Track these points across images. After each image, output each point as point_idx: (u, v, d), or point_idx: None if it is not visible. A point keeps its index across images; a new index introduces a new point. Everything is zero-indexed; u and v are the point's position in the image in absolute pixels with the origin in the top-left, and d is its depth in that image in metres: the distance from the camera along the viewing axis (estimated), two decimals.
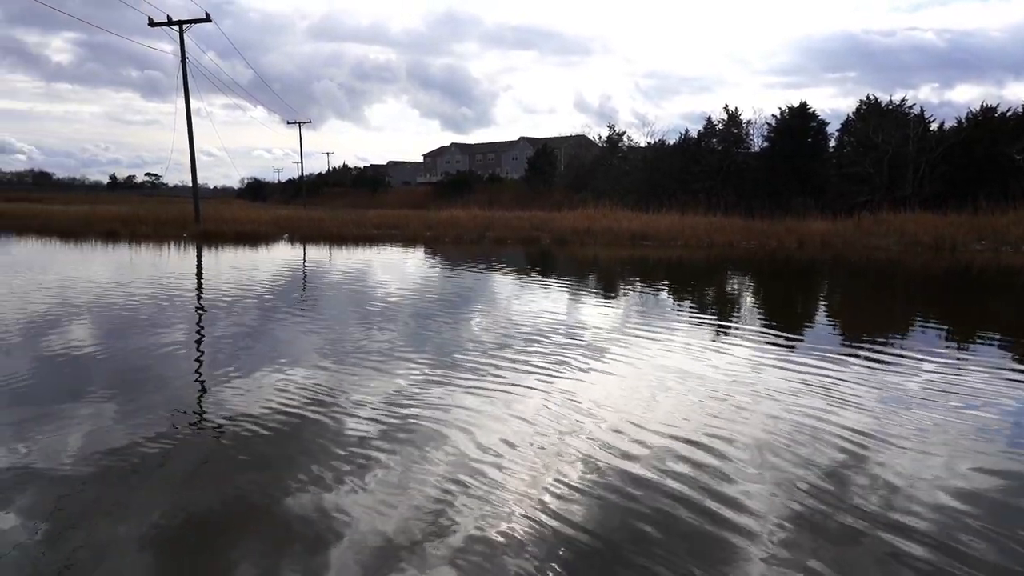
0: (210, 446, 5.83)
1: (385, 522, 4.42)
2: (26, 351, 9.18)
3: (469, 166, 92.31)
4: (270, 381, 7.77)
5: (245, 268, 20.39)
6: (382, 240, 31.62)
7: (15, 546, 4.08)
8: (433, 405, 6.92)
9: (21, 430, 6.03)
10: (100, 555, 4.00)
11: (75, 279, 16.89)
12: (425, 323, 11.58)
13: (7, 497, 4.73)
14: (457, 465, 5.37)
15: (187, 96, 33.59)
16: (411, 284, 16.98)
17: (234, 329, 11.01)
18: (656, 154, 51.13)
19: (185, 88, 33.37)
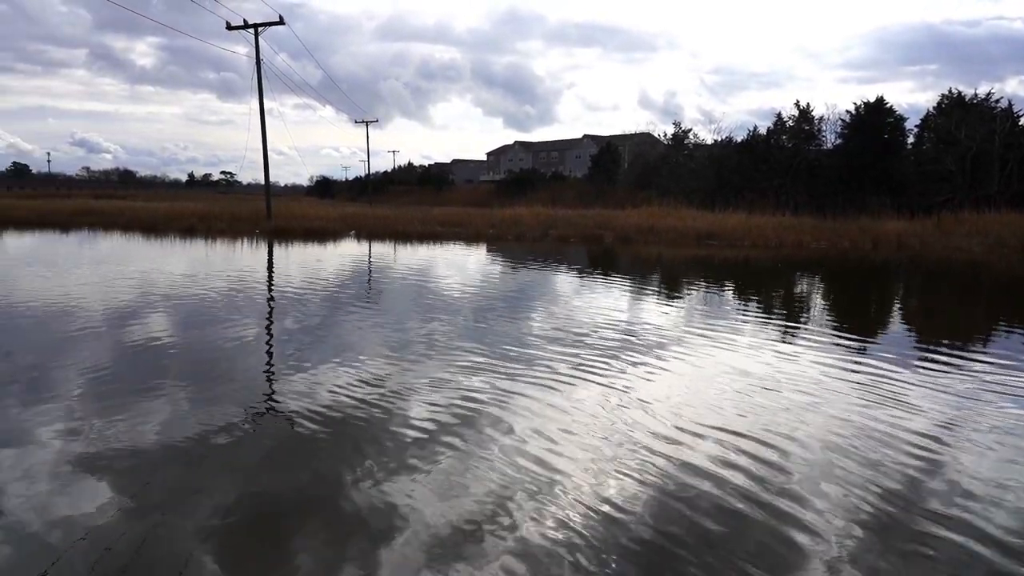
0: (278, 435, 6.04)
1: (446, 512, 4.51)
2: (111, 340, 9.71)
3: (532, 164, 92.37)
4: (335, 373, 7.99)
5: (313, 263, 20.98)
6: (446, 238, 31.99)
7: (97, 525, 4.34)
8: (494, 398, 6.99)
9: (106, 414, 6.39)
10: (174, 535, 4.21)
11: (155, 273, 17.73)
12: (486, 319, 11.69)
13: (92, 477, 5.03)
14: (517, 458, 5.42)
15: (261, 97, 34.74)
16: (473, 280, 17.14)
17: (301, 322, 11.37)
18: (723, 151, 49.98)
19: (259, 89, 34.51)
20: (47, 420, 6.23)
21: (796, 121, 45.88)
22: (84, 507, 4.55)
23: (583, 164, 79.41)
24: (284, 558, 4.00)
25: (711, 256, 25.50)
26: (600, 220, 34.51)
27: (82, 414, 6.42)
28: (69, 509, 4.52)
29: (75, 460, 5.33)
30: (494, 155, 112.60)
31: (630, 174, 61.70)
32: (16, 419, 6.28)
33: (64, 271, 18.05)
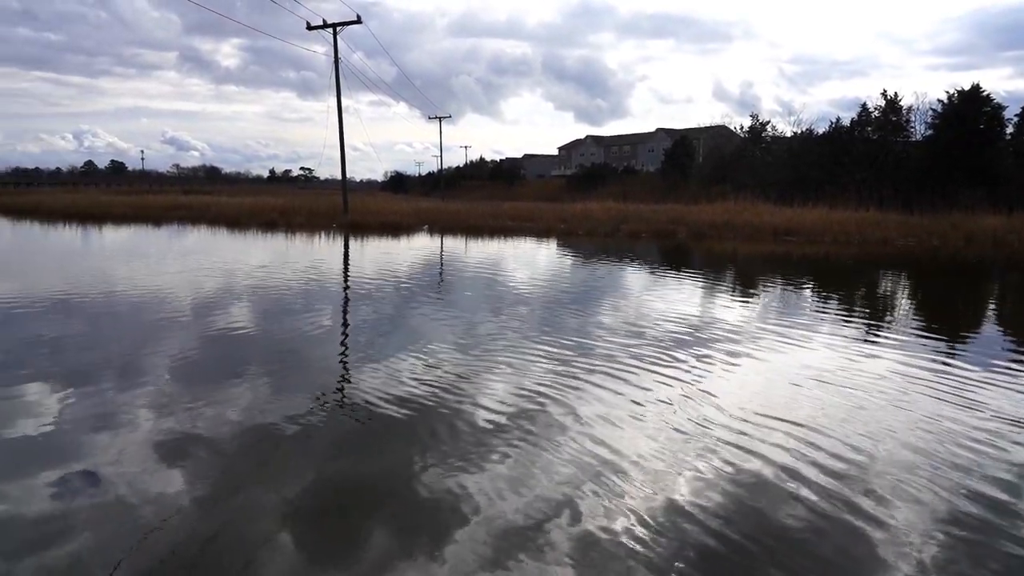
0: (351, 423, 6.21)
1: (511, 506, 4.54)
2: (197, 328, 10.20)
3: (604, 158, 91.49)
4: (407, 365, 8.15)
5: (387, 257, 21.43)
6: (517, 232, 32.11)
7: (184, 504, 4.58)
8: (562, 391, 6.99)
9: (191, 399, 6.73)
10: (254, 517, 4.40)
11: (237, 265, 18.50)
12: (556, 314, 11.68)
13: (179, 459, 5.31)
14: (585, 454, 5.41)
15: (339, 95, 35.69)
16: (542, 275, 17.15)
17: (375, 314, 11.64)
18: (802, 144, 48.29)
19: (337, 87, 35.46)
20: (138, 403, 6.61)
21: (882, 111, 43.86)
22: (172, 487, 4.80)
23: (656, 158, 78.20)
24: (355, 543, 4.11)
25: (788, 253, 24.70)
26: (673, 215, 33.90)
27: (170, 398, 6.77)
28: (159, 488, 4.78)
29: (164, 441, 5.63)
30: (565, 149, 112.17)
31: (704, 168, 60.40)
32: (111, 401, 6.68)
33: (155, 263, 19.06)
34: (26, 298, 12.69)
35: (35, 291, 13.57)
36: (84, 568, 3.77)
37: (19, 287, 14.13)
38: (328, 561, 3.90)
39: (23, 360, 8.15)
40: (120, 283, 14.80)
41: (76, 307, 11.88)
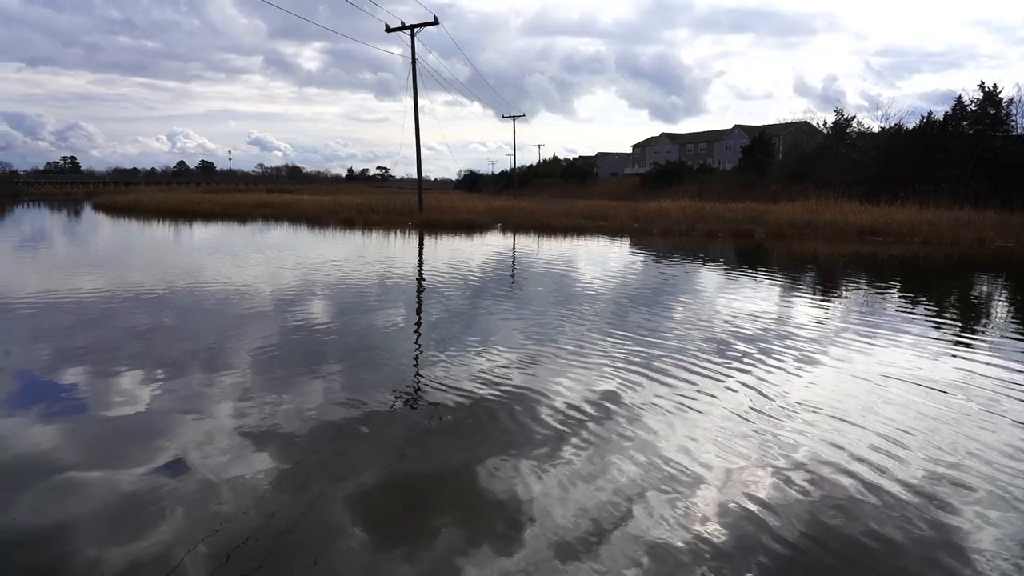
0: (422, 420, 6.33)
1: (577, 506, 4.53)
2: (277, 322, 10.59)
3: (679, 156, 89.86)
4: (477, 361, 8.23)
5: (460, 255, 21.69)
6: (589, 231, 31.92)
7: (263, 490, 4.77)
8: (632, 392, 6.92)
9: (271, 390, 7.00)
10: (329, 506, 4.54)
11: (317, 261, 19.10)
12: (627, 314, 11.56)
13: (259, 446, 5.53)
14: (653, 458, 5.34)
15: (415, 95, 36.31)
16: (615, 275, 17.00)
17: (447, 311, 11.81)
18: (890, 140, 46.03)
19: (414, 87, 36.07)
20: (222, 392, 6.93)
21: (980, 105, 41.34)
22: (251, 474, 5.01)
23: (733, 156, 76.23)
24: (422, 537, 4.19)
25: (875, 253, 23.64)
26: (751, 214, 32.97)
27: (250, 389, 7.06)
28: (238, 475, 4.99)
29: (244, 430, 5.88)
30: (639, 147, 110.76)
31: (784, 166, 58.47)
32: (198, 389, 7.03)
33: (240, 259, 19.89)
34: (124, 291, 13.49)
35: (132, 284, 14.41)
36: (167, 547, 3.98)
37: (118, 281, 15.02)
38: (396, 554, 3.98)
39: (121, 349, 8.68)
40: (208, 278, 15.52)
41: (168, 300, 12.54)
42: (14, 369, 7.80)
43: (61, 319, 10.69)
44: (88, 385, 7.20)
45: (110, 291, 13.44)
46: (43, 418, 6.15)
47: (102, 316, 10.94)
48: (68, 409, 6.43)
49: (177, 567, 3.75)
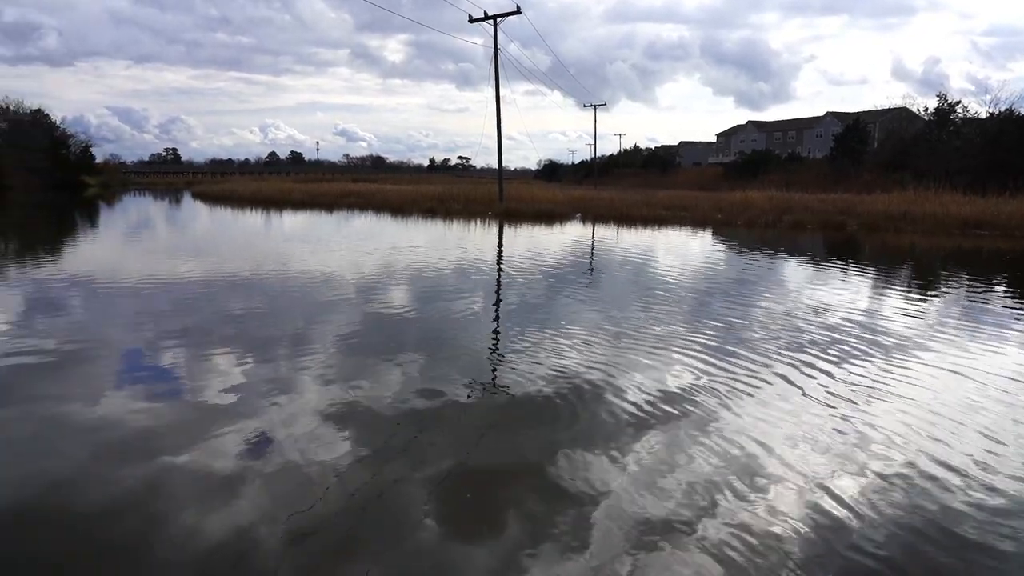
0: (498, 405, 6.37)
1: (651, 500, 4.46)
2: (359, 308, 10.90)
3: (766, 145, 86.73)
4: (554, 350, 8.22)
5: (539, 244, 21.70)
6: (670, 222, 31.32)
7: (345, 471, 4.92)
8: (710, 386, 6.76)
9: (353, 374, 7.21)
10: (403, 493, 4.64)
11: (398, 249, 19.51)
12: (706, 308, 11.28)
13: (341, 428, 5.71)
14: (732, 448, 5.20)
15: (496, 85, 36.47)
16: (696, 267, 16.63)
17: (525, 299, 11.84)
18: (999, 126, 42.96)
19: (496, 77, 36.23)
20: (306, 374, 7.18)
21: None
22: (332, 455, 5.18)
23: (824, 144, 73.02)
24: (496, 523, 4.22)
25: (979, 248, 22.20)
26: (842, 205, 31.52)
27: (334, 372, 7.30)
28: (321, 455, 5.17)
29: (327, 411, 6.08)
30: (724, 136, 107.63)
31: (880, 154, 55.55)
32: (284, 371, 7.31)
33: (326, 246, 20.56)
34: (219, 276, 14.19)
35: (226, 270, 15.13)
36: (250, 523, 4.16)
37: (214, 267, 15.81)
38: (469, 541, 4.03)
39: (215, 332, 9.13)
40: (296, 265, 16.12)
41: (258, 286, 13.10)
42: (120, 349, 8.32)
43: (162, 302, 11.34)
44: (185, 365, 7.61)
45: (206, 276, 14.16)
46: (144, 395, 6.55)
47: (199, 300, 11.53)
48: (166, 387, 6.82)
49: (259, 543, 3.92)
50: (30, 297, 11.75)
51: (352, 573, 3.66)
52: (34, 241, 23.74)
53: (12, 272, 15.12)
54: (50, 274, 14.51)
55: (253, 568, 3.68)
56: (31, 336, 8.79)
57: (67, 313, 10.48)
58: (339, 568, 3.70)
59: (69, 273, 14.61)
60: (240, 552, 3.83)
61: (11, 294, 12.10)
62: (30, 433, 5.57)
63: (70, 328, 9.33)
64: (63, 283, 13.24)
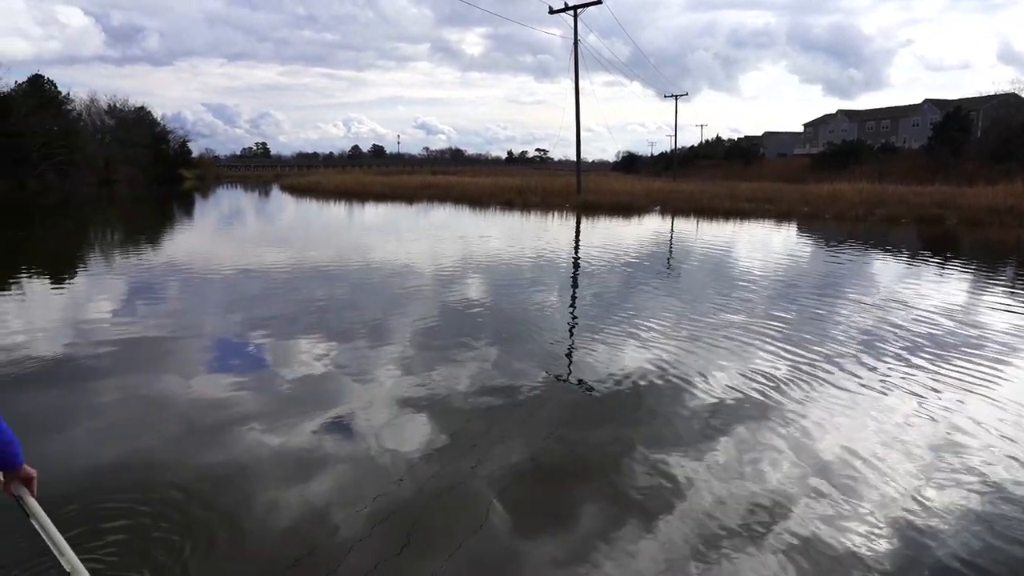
0: (572, 398, 6.36)
1: (727, 495, 4.36)
2: (436, 298, 11.08)
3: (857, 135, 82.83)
4: (630, 344, 8.13)
5: (617, 237, 21.48)
6: (753, 215, 30.38)
7: (418, 461, 5.01)
8: (791, 385, 6.53)
9: (428, 363, 7.33)
10: (477, 482, 4.69)
11: (476, 241, 19.71)
12: (789, 304, 10.88)
13: (415, 417, 5.82)
14: (812, 457, 5.00)
15: (576, 76, 36.25)
16: (779, 261, 16.08)
17: (601, 292, 11.75)
18: None
19: (575, 68, 36.03)
20: (385, 362, 7.36)
21: None
22: (409, 443, 5.29)
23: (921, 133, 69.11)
24: (567, 518, 4.21)
25: None
26: (940, 198, 29.78)
27: (410, 362, 7.45)
28: (397, 442, 5.29)
29: (404, 400, 6.21)
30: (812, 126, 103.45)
31: (984, 144, 52.14)
32: (363, 358, 7.52)
33: (406, 238, 20.98)
34: (304, 265, 14.72)
35: (311, 260, 15.68)
36: (327, 506, 4.29)
37: (299, 256, 16.41)
38: (539, 535, 4.03)
39: (299, 319, 9.48)
40: (376, 255, 16.53)
41: (340, 275, 13.52)
42: (211, 334, 8.75)
43: (251, 290, 11.86)
44: (270, 351, 7.93)
45: (292, 266, 14.71)
46: (232, 378, 6.86)
47: (285, 288, 11.99)
48: (253, 371, 7.12)
49: (335, 527, 4.04)
50: (133, 284, 12.50)
51: (428, 559, 3.72)
52: (138, 232, 25.26)
53: (118, 261, 16.14)
54: (151, 263, 15.42)
55: (332, 548, 3.80)
56: (133, 321, 9.36)
57: (165, 299, 11.10)
58: (415, 553, 3.78)
59: (168, 262, 15.48)
60: (319, 531, 3.97)
61: (117, 281, 12.90)
62: (129, 411, 5.93)
63: (167, 314, 9.89)
64: (162, 271, 14.03)
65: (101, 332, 8.63)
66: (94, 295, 11.36)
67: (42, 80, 64.00)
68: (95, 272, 14.16)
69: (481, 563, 3.72)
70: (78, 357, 7.53)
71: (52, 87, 64.57)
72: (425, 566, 3.65)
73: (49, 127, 58.50)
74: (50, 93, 63.25)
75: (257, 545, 3.83)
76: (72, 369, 7.11)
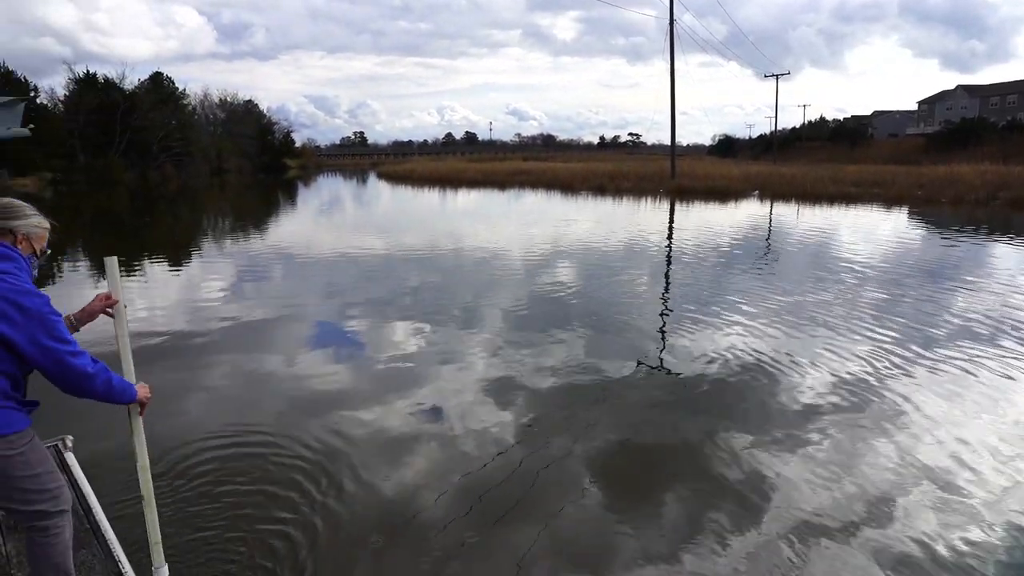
0: (662, 387, 6.26)
1: (823, 496, 4.20)
2: (526, 283, 11.14)
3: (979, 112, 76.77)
4: (722, 333, 7.92)
5: (712, 223, 20.89)
6: (861, 199, 28.79)
7: (509, 442, 5.08)
8: (892, 384, 6.18)
9: (518, 347, 7.41)
10: (564, 469, 4.72)
11: (567, 226, 19.65)
12: (897, 293, 10.27)
13: (505, 399, 5.90)
14: (913, 457, 4.73)
15: (672, 56, 35.38)
16: (887, 248, 15.19)
17: (693, 280, 11.47)
18: None
19: (671, 49, 35.15)
20: (474, 347, 7.49)
21: None
22: (497, 427, 5.37)
23: None
24: (654, 507, 4.17)
25: None
26: None
27: (500, 345, 7.54)
28: (487, 424, 5.38)
29: (492, 385, 6.30)
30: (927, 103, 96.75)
31: None
32: (455, 341, 7.67)
33: (496, 223, 21.19)
34: (399, 251, 15.14)
35: (405, 245, 16.10)
36: (420, 485, 4.42)
37: (394, 242, 16.87)
38: (624, 522, 4.00)
39: (394, 301, 9.78)
40: (468, 241, 16.78)
41: (433, 260, 13.83)
42: (311, 315, 9.16)
43: (348, 273, 12.32)
44: (366, 332, 8.23)
45: (387, 250, 15.16)
46: (330, 357, 7.18)
47: (380, 272, 12.39)
48: (349, 351, 7.43)
49: (428, 506, 4.16)
50: (241, 268, 13.26)
51: (519, 536, 3.78)
52: (246, 219, 26.68)
53: (229, 246, 17.13)
54: (258, 248, 16.29)
55: (427, 522, 3.93)
56: (240, 302, 9.93)
57: (270, 282, 11.71)
58: (507, 530, 3.85)
59: (272, 247, 16.31)
60: (414, 506, 4.11)
61: (227, 264, 13.71)
62: (237, 386, 6.31)
63: (272, 296, 10.42)
64: (268, 256, 14.79)
65: (212, 312, 9.20)
66: (207, 277, 12.11)
67: (161, 77, 68.29)
68: (208, 256, 15.10)
69: (571, 544, 3.74)
70: (193, 335, 8.07)
71: (170, 83, 68.79)
72: (518, 543, 3.70)
73: (168, 121, 62.45)
74: (168, 89, 67.41)
75: (355, 518, 4.00)
76: (188, 346, 7.63)
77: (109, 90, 58.74)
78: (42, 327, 2.19)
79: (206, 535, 3.74)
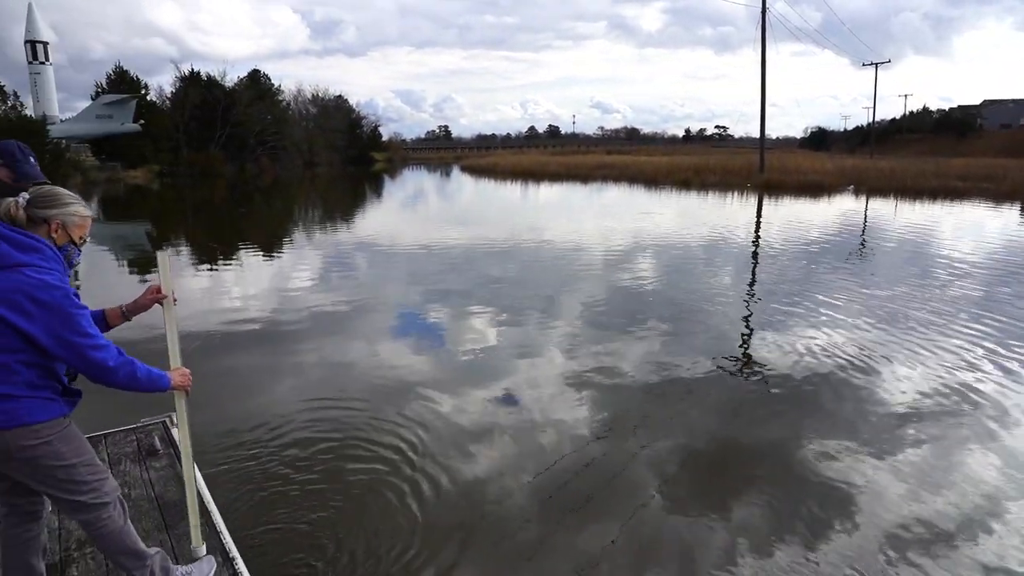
0: (743, 390, 6.09)
1: (908, 501, 4.00)
2: (606, 278, 11.05)
3: None
4: (808, 334, 7.63)
5: (802, 219, 20.11)
6: (967, 194, 27.04)
7: (584, 437, 5.07)
8: (994, 392, 5.81)
9: (596, 342, 7.36)
10: (640, 466, 4.66)
11: (650, 221, 19.35)
12: (1000, 294, 9.59)
13: (582, 395, 5.88)
14: (1017, 470, 4.42)
15: (763, 45, 34.16)
16: (994, 247, 14.20)
17: (781, 278, 11.08)
18: None
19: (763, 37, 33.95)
20: (552, 340, 7.49)
21: None
22: (574, 421, 5.36)
23: None
24: (732, 507, 4.06)
25: None
26: None
27: (578, 339, 7.51)
28: (563, 420, 5.38)
29: (569, 378, 6.29)
30: None
31: None
32: (533, 335, 7.70)
33: (577, 217, 21.10)
34: (480, 243, 15.31)
35: (487, 237, 16.26)
36: (499, 473, 4.47)
37: (476, 233, 17.07)
38: (701, 521, 3.92)
39: (474, 293, 9.91)
40: (549, 235, 16.78)
41: (514, 253, 13.89)
42: (393, 305, 9.39)
43: (430, 264, 12.56)
44: (446, 323, 8.38)
45: (469, 242, 15.36)
46: (411, 347, 7.35)
47: (462, 264, 12.57)
48: (429, 341, 7.58)
49: (507, 493, 4.20)
50: (328, 257, 13.75)
51: (593, 533, 3.77)
52: (335, 210, 27.59)
53: (317, 236, 17.78)
54: (345, 239, 16.84)
55: (502, 515, 3.97)
56: (327, 290, 10.29)
57: (355, 272, 12.08)
58: (581, 527, 3.84)
59: (359, 238, 16.82)
60: (490, 498, 4.16)
61: (315, 254, 14.23)
62: (320, 371, 6.56)
63: (356, 285, 10.76)
64: (354, 246, 15.27)
65: (301, 300, 9.57)
66: (297, 266, 12.61)
67: (259, 74, 71.27)
68: (299, 246, 15.71)
69: (650, 545, 3.69)
70: (282, 322, 8.43)
71: (267, 80, 71.72)
72: (594, 542, 3.69)
73: (264, 116, 65.17)
74: (265, 86, 70.28)
75: (432, 507, 4.08)
76: (277, 332, 7.98)
77: (211, 87, 61.86)
78: (60, 320, 2.15)
79: (278, 515, 3.91)
